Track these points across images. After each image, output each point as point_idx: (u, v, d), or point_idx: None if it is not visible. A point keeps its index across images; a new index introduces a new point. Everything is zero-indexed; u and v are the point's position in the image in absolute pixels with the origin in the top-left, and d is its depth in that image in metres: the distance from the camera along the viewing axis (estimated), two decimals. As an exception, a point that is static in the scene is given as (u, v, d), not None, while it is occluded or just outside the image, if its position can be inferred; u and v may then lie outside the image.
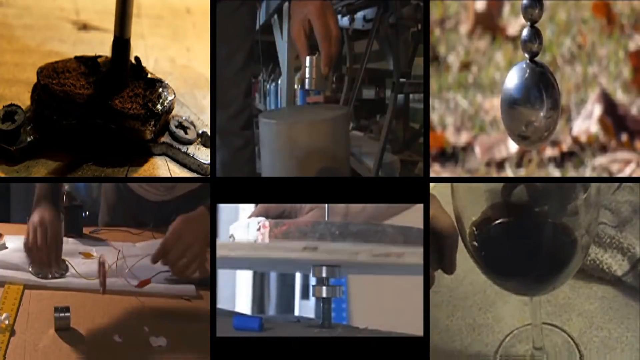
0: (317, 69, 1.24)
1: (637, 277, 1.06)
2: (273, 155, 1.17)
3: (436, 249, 0.91)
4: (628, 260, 1.07)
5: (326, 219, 1.03)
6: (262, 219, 1.00)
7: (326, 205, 1.04)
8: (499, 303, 1.07)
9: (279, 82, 3.53)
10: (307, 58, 1.25)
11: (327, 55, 1.22)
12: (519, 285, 0.91)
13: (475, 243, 0.87)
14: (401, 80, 2.40)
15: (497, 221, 0.85)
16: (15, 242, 1.27)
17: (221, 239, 1.04)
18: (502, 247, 0.86)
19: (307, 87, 1.25)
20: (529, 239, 0.84)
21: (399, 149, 2.80)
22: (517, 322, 1.05)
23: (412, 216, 1.04)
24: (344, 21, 2.75)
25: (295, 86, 3.43)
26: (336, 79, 3.47)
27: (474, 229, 0.86)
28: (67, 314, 1.05)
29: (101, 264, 1.20)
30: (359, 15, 2.61)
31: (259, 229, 0.98)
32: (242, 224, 1.01)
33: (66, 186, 1.36)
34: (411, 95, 2.89)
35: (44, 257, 1.22)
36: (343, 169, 1.22)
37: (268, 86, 4.37)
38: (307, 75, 1.25)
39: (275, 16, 3.13)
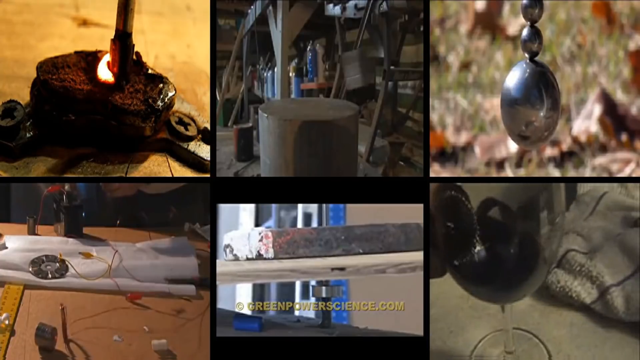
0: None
1: (605, 305, 1.06)
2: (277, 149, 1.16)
3: None
4: (597, 288, 1.07)
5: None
6: (263, 228, 0.94)
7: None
8: (469, 327, 1.08)
9: (275, 70, 3.65)
10: None
11: None
12: (488, 292, 0.92)
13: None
14: (392, 68, 2.44)
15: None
16: (15, 242, 1.27)
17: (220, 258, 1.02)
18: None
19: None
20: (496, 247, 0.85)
21: (388, 132, 2.96)
22: (488, 346, 1.05)
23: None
24: (336, 10, 2.79)
25: (290, 74, 3.58)
26: (329, 66, 3.62)
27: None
28: (52, 336, 0.99)
29: (62, 310, 1.04)
30: (351, 4, 2.63)
31: (261, 240, 0.94)
32: (240, 234, 0.95)
33: (66, 186, 1.36)
34: (400, 82, 3.01)
35: None
36: (352, 167, 1.21)
37: (265, 74, 4.55)
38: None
39: (270, 7, 3.19)
